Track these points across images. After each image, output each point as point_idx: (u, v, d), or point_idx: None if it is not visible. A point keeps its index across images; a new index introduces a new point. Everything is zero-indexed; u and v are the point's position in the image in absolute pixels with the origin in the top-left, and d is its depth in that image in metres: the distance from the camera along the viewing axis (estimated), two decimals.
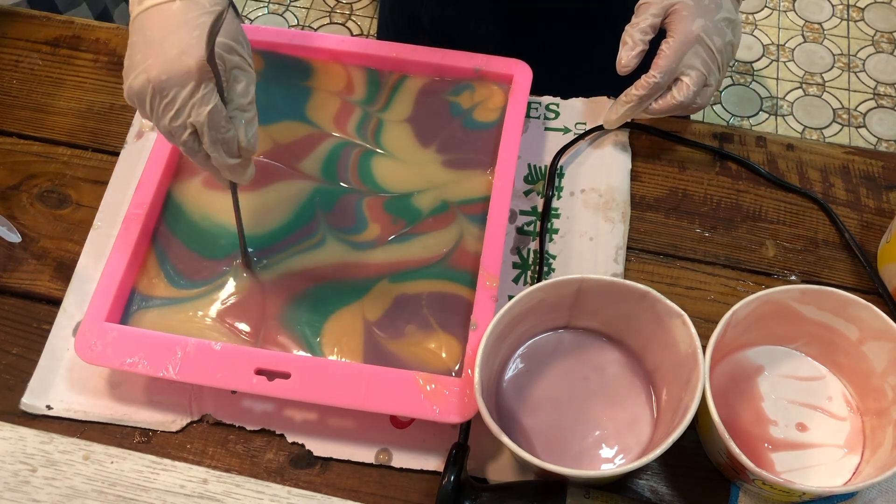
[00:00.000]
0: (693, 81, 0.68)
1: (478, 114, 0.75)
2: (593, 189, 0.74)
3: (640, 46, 0.69)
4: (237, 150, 0.58)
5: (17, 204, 0.74)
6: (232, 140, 0.57)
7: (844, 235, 0.72)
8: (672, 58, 0.67)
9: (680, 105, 0.69)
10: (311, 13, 2.01)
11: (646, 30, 0.69)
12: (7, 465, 0.62)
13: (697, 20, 0.67)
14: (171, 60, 0.55)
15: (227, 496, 0.61)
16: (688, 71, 0.68)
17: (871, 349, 0.60)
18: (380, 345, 0.64)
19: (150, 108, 0.57)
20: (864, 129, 1.79)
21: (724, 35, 0.68)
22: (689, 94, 0.68)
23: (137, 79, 0.56)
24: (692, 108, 0.70)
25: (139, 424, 0.64)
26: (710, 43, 0.67)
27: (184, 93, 0.55)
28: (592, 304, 0.62)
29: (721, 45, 0.68)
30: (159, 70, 0.55)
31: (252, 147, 0.59)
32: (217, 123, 0.56)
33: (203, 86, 0.55)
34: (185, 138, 0.57)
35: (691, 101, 0.69)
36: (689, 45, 0.67)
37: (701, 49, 0.67)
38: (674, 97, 0.69)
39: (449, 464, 0.58)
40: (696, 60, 0.68)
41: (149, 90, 0.56)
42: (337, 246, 0.68)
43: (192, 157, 0.59)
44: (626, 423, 0.62)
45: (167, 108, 0.56)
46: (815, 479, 0.60)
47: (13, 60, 0.82)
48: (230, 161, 0.58)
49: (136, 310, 0.66)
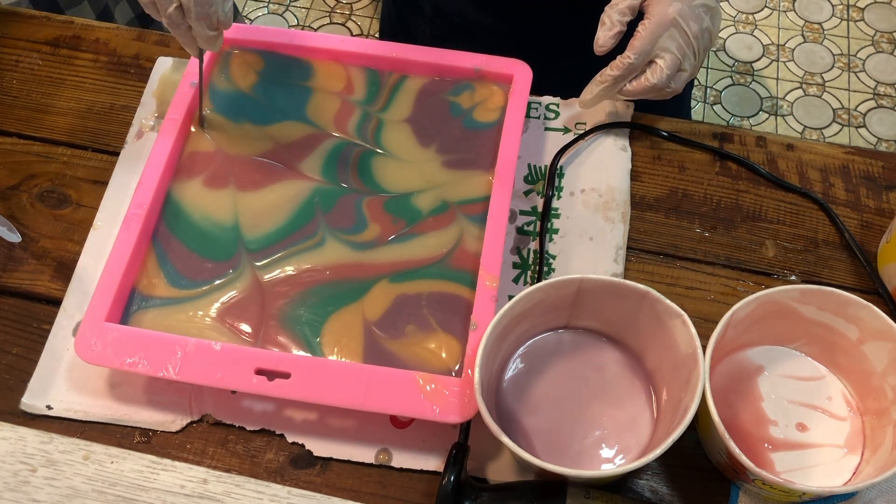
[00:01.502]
0: (667, 64, 0.68)
1: (478, 114, 0.75)
2: (593, 189, 0.74)
3: (618, 27, 0.69)
4: (216, 23, 0.65)
5: (17, 204, 0.74)
6: (214, 14, 0.64)
7: (844, 235, 0.72)
8: (647, 39, 0.68)
9: (653, 87, 0.69)
10: (311, 13, 2.01)
11: (624, 11, 0.69)
12: (7, 465, 0.62)
13: (674, 4, 0.67)
14: None
15: (227, 496, 0.61)
16: (662, 54, 0.68)
17: (871, 349, 0.60)
18: (380, 345, 0.64)
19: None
20: (864, 129, 1.79)
21: (700, 21, 0.68)
22: (663, 77, 0.69)
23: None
24: (666, 93, 0.70)
25: (139, 424, 0.64)
26: (685, 27, 0.68)
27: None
28: (592, 304, 0.62)
29: (697, 31, 0.68)
30: None
31: (228, 21, 0.66)
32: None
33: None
34: (170, 11, 0.63)
35: (665, 85, 0.69)
36: (665, 28, 0.68)
37: (676, 33, 0.68)
38: (647, 79, 0.69)
39: (449, 464, 0.58)
40: (670, 44, 0.68)
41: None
42: (337, 246, 0.68)
43: (174, 30, 0.65)
44: (626, 423, 0.62)
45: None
46: (815, 479, 0.60)
47: (13, 60, 0.82)
48: (210, 33, 0.65)
49: (136, 310, 0.66)
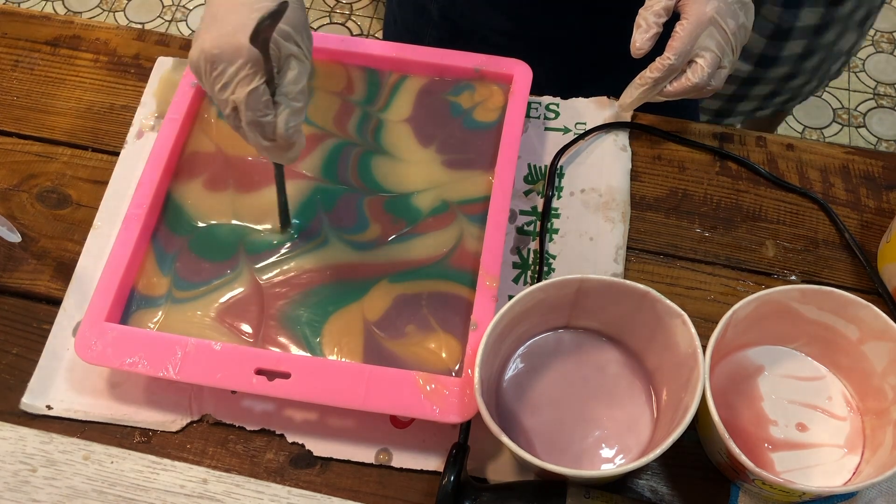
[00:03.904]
0: (708, 63, 0.68)
1: (478, 114, 0.75)
2: (593, 189, 0.74)
3: (655, 29, 0.69)
4: (272, 134, 0.59)
5: (17, 204, 0.74)
6: (268, 124, 0.58)
7: (844, 235, 0.72)
8: (686, 39, 0.68)
9: (695, 87, 0.69)
10: (311, 13, 2.01)
11: (659, 12, 0.69)
12: (7, 465, 0.62)
13: (711, 2, 0.67)
14: (224, 35, 0.57)
15: (227, 496, 0.61)
16: (702, 52, 0.68)
17: (871, 349, 0.60)
18: (380, 345, 0.64)
19: (204, 78, 0.59)
20: (864, 129, 1.79)
21: (737, 17, 0.68)
22: (704, 75, 0.68)
23: (195, 50, 0.58)
24: (707, 91, 0.70)
25: (139, 424, 0.64)
26: (723, 24, 0.68)
27: (231, 69, 0.57)
28: (592, 304, 0.62)
29: (735, 27, 0.68)
30: (212, 43, 0.57)
31: (289, 136, 0.59)
32: (255, 105, 0.57)
33: (250, 65, 0.57)
34: (228, 112, 0.59)
35: (706, 83, 0.69)
36: (703, 27, 0.67)
37: (715, 31, 0.68)
38: (688, 79, 0.69)
39: (449, 464, 0.58)
40: (710, 42, 0.68)
41: (203, 61, 0.58)
42: (337, 246, 0.68)
43: (236, 131, 0.60)
44: (626, 423, 0.62)
45: (216, 81, 0.58)
46: (815, 479, 0.60)
47: (13, 60, 0.82)
48: (265, 143, 0.59)
49: (136, 310, 0.66)
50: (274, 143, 0.59)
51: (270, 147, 0.59)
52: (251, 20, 0.55)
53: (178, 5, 1.99)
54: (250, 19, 0.56)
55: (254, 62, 0.56)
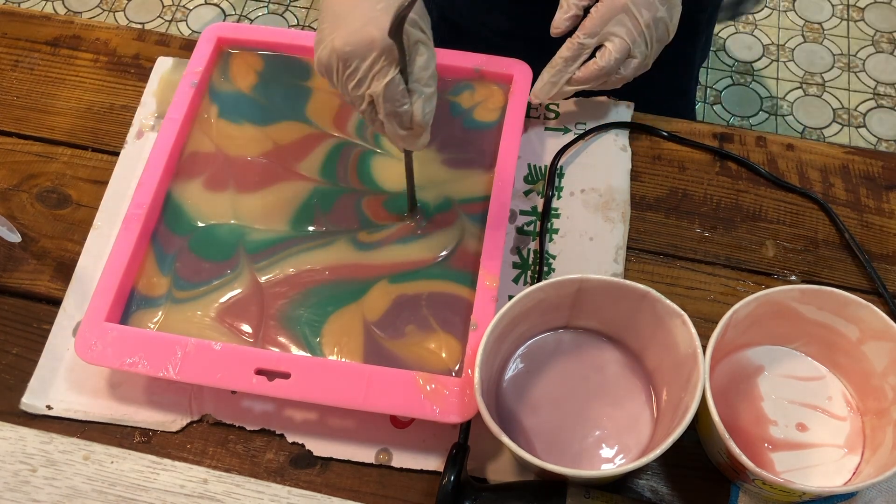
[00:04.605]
0: (615, 48, 0.69)
1: (478, 114, 0.75)
2: (593, 189, 0.74)
3: (574, 10, 0.70)
4: (410, 122, 0.59)
5: (17, 204, 0.74)
6: (405, 114, 0.58)
7: (844, 235, 0.72)
8: (597, 21, 0.68)
9: (601, 71, 0.70)
10: (312, 13, 2.01)
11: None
12: (7, 465, 0.62)
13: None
14: (354, 32, 0.56)
15: (227, 496, 0.61)
16: (611, 38, 0.69)
17: (871, 349, 0.60)
18: (380, 345, 0.64)
19: (336, 77, 0.58)
20: (864, 129, 1.79)
21: (654, 10, 0.69)
22: (611, 60, 0.69)
23: (324, 50, 0.58)
24: (616, 79, 0.71)
25: (139, 424, 0.65)
26: (636, 13, 0.68)
27: (365, 64, 0.56)
28: (592, 304, 0.62)
29: (650, 19, 0.69)
30: (343, 41, 0.56)
31: (426, 123, 0.59)
32: (393, 96, 0.57)
33: (384, 58, 0.56)
34: (363, 107, 0.59)
35: (613, 70, 0.70)
36: (616, 13, 0.68)
37: (626, 18, 0.68)
38: (596, 62, 0.70)
39: (449, 464, 0.58)
40: (620, 29, 0.69)
41: (334, 60, 0.57)
42: (337, 246, 0.68)
43: (371, 125, 0.60)
44: (626, 423, 0.62)
45: (349, 78, 0.57)
46: (815, 479, 0.60)
47: (13, 60, 0.82)
48: (402, 132, 0.59)
49: (136, 310, 0.66)
50: (411, 130, 0.59)
51: (407, 136, 0.60)
52: (377, 12, 0.55)
53: (178, 5, 1.99)
54: (376, 11, 0.56)
55: (387, 54, 0.56)
